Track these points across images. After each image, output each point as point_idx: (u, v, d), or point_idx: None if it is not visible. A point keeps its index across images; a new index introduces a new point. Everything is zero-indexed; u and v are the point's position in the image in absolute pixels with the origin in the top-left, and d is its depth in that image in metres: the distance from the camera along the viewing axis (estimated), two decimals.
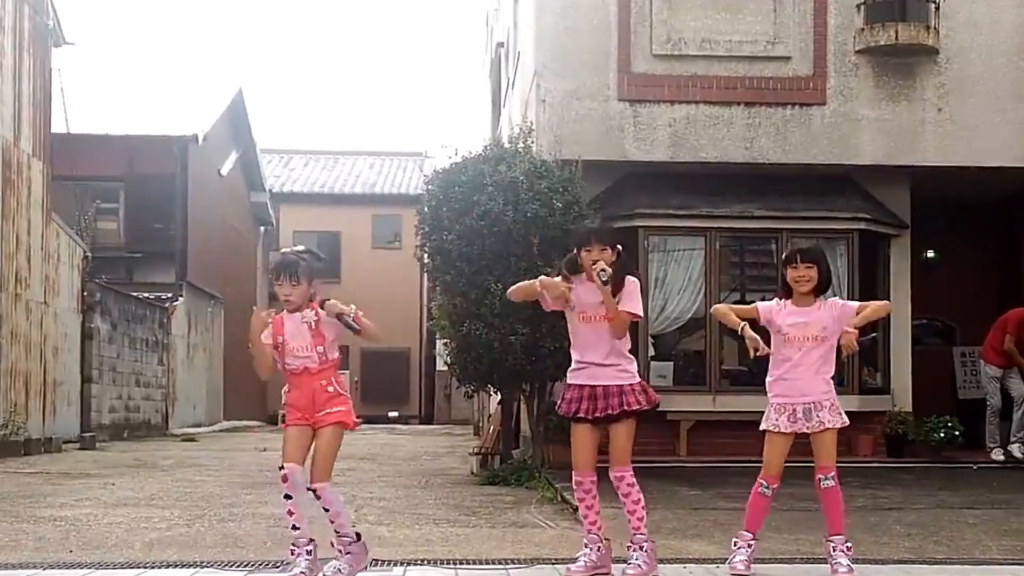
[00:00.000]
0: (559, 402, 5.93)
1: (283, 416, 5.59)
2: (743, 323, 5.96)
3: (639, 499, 5.74)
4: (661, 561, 5.86)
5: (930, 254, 15.72)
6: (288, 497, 5.35)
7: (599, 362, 5.70)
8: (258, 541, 7.10)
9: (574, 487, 5.78)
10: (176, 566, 6.01)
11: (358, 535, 5.56)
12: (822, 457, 5.87)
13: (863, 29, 12.74)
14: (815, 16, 12.78)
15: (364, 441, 20.34)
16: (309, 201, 37.44)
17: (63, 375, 18.91)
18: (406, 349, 36.87)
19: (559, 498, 9.41)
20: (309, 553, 5.37)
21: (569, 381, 5.83)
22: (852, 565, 5.74)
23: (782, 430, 5.86)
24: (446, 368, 13.25)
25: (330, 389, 5.42)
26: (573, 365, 5.82)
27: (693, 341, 13.38)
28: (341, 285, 36.74)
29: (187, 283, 25.77)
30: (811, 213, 13.13)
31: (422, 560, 6.26)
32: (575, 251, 5.79)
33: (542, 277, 5.85)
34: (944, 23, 12.78)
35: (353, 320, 5.37)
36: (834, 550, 5.77)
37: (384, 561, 6.20)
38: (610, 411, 5.66)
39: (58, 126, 20.73)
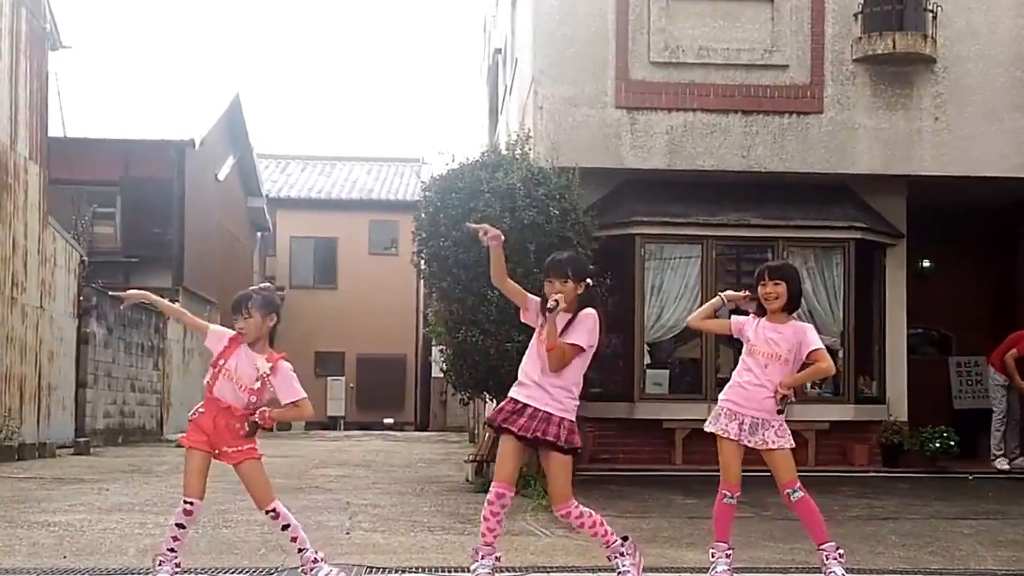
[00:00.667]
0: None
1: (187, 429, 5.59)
2: (718, 297, 6.09)
3: (595, 521, 5.62)
4: (657, 570, 5.85)
5: (926, 264, 15.72)
6: (181, 527, 5.46)
7: (535, 381, 5.60)
8: (252, 547, 7.08)
9: (491, 499, 5.59)
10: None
11: (317, 559, 5.54)
12: (781, 474, 5.87)
13: (860, 38, 12.76)
14: (812, 25, 12.80)
15: (359, 448, 20.32)
16: (306, 207, 37.42)
17: (58, 380, 18.88)
18: (402, 355, 36.83)
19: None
20: (177, 567, 5.45)
21: (511, 394, 5.74)
22: (847, 573, 5.72)
23: (731, 437, 5.87)
24: (442, 375, 13.24)
25: (238, 430, 5.48)
26: (517, 379, 5.73)
27: (689, 349, 13.37)
28: (338, 290, 36.77)
29: (183, 288, 25.73)
30: (807, 222, 13.14)
31: (417, 568, 6.25)
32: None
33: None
34: (941, 32, 12.80)
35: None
36: (827, 559, 5.76)
37: (379, 568, 6.18)
38: (526, 433, 5.53)
39: (55, 130, 20.73)
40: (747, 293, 6.06)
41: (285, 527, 5.49)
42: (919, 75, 12.87)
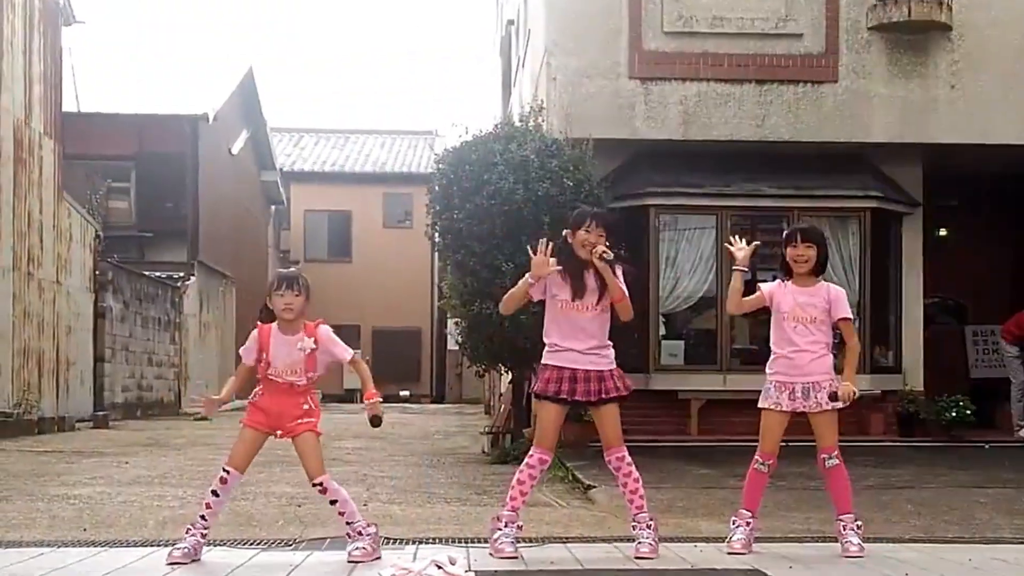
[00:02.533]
0: (534, 382, 5.86)
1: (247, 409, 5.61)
2: (736, 275, 6.03)
3: (637, 478, 5.73)
4: (672, 540, 5.87)
5: (942, 232, 15.65)
6: (216, 495, 5.48)
7: (579, 349, 5.67)
8: (270, 519, 7.13)
9: (532, 464, 5.67)
10: None
11: (373, 524, 5.64)
12: (824, 438, 5.86)
13: (875, 6, 12.65)
14: None
15: None
16: (320, 180, 37.43)
17: (76, 354, 18.99)
18: (417, 328, 36.90)
19: (570, 477, 9.44)
20: (204, 537, 5.47)
21: (546, 362, 5.76)
22: (863, 544, 5.74)
23: (783, 409, 5.85)
24: (457, 347, 13.27)
25: (305, 407, 5.52)
26: (550, 348, 5.75)
27: (704, 320, 13.35)
28: (352, 264, 36.81)
29: (199, 262, 25.82)
30: (822, 192, 13.08)
31: (433, 539, 6.28)
32: (569, 232, 5.73)
33: (529, 275, 5.71)
34: None
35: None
36: (844, 529, 5.77)
37: (396, 540, 6.22)
38: (590, 397, 5.66)
39: (69, 105, 20.77)
40: (755, 245, 6.01)
41: (333, 502, 5.53)
42: (935, 43, 12.76)
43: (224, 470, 5.49)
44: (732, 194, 12.97)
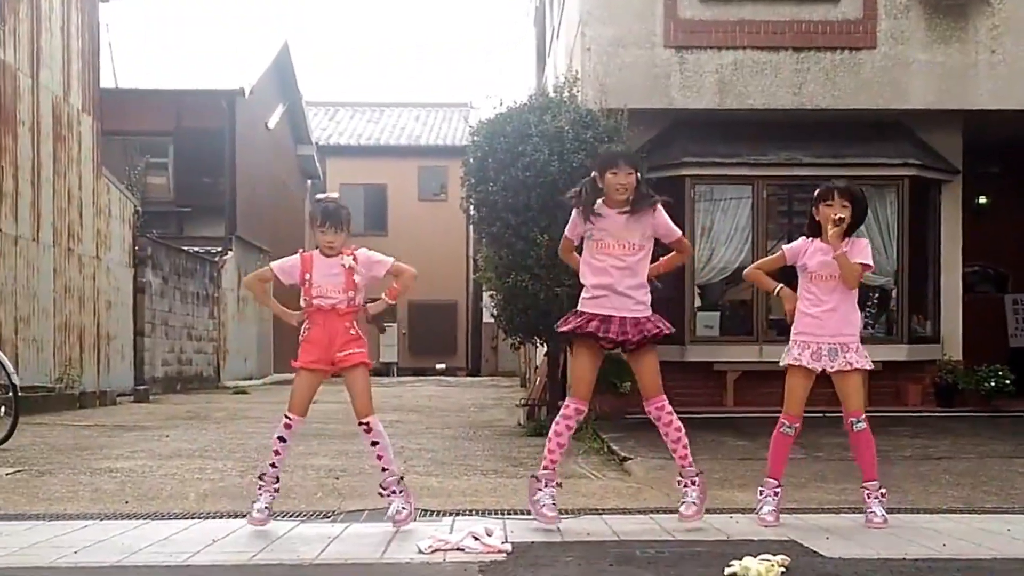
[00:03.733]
0: (564, 324, 5.72)
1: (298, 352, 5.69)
2: (778, 285, 5.95)
3: (680, 427, 5.70)
4: (708, 511, 5.87)
5: (982, 200, 15.48)
6: (282, 440, 5.62)
7: (621, 292, 5.57)
8: (309, 492, 7.20)
9: (568, 414, 5.61)
10: (229, 516, 6.11)
11: (401, 478, 5.73)
12: (851, 400, 5.77)
13: None
14: None
15: (412, 393, 20.52)
16: (355, 154, 37.52)
17: (116, 329, 19.21)
18: (453, 301, 37.01)
19: (606, 448, 9.46)
20: (276, 491, 5.65)
21: (582, 309, 5.67)
22: (887, 515, 5.70)
23: (804, 364, 5.75)
24: (492, 320, 13.30)
25: (352, 332, 5.65)
26: (589, 293, 5.64)
27: (740, 291, 13.30)
28: (388, 237, 36.93)
29: (236, 237, 25.99)
30: (860, 160, 12.95)
31: (471, 511, 6.32)
32: (597, 175, 5.67)
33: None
34: None
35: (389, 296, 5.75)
36: (868, 497, 5.73)
37: (433, 511, 6.27)
38: (625, 336, 5.54)
39: (106, 81, 20.91)
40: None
41: (374, 443, 5.63)
42: (974, 7, 12.58)
43: (287, 416, 5.61)
44: (769, 163, 12.88)
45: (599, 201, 5.68)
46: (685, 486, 5.69)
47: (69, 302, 17.29)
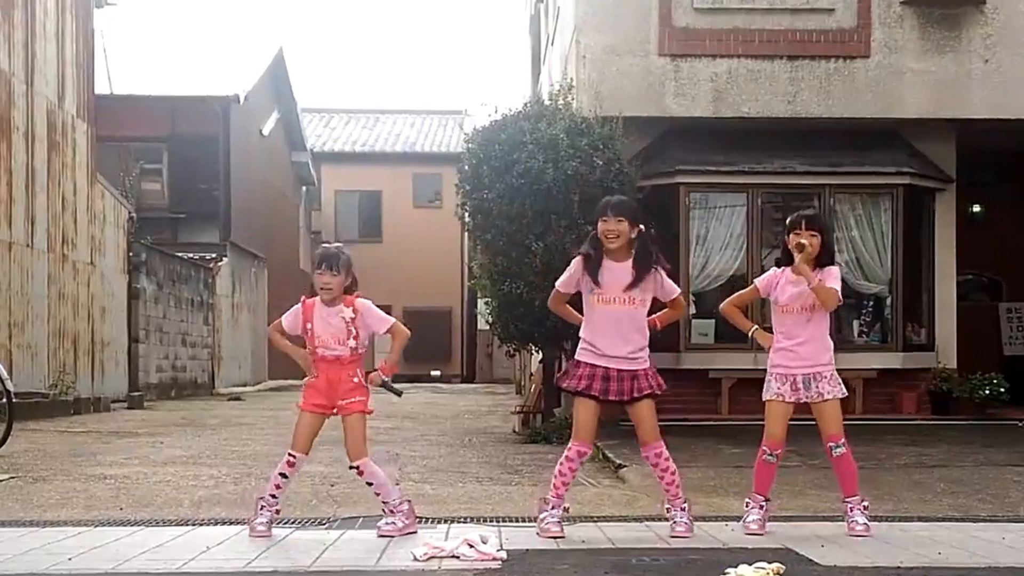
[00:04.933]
0: (565, 377, 5.79)
1: (303, 395, 5.72)
2: (753, 327, 5.99)
3: (675, 471, 5.73)
4: (703, 519, 5.88)
5: (976, 209, 15.53)
6: (284, 476, 5.65)
7: (614, 352, 5.62)
8: (304, 499, 7.19)
9: (572, 456, 5.66)
10: (224, 523, 6.10)
11: (408, 501, 5.75)
12: (829, 426, 5.80)
13: None
14: None
15: (407, 400, 20.46)
16: (350, 160, 37.50)
17: (110, 335, 19.17)
18: (448, 308, 36.98)
19: (601, 456, 9.45)
20: (277, 512, 5.68)
21: (578, 359, 5.71)
22: (869, 523, 5.71)
23: (786, 399, 5.81)
24: (488, 327, 13.30)
25: (355, 380, 5.66)
26: (584, 346, 5.68)
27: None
28: (383, 244, 36.91)
29: (231, 243, 25.96)
30: (855, 168, 13.00)
31: (466, 518, 6.32)
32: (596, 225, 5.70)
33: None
34: None
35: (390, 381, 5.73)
36: (851, 509, 5.76)
37: (428, 519, 6.26)
38: (623, 396, 5.63)
39: (101, 87, 20.91)
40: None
41: (370, 483, 5.69)
42: (968, 17, 12.63)
43: (291, 455, 5.66)
44: (763, 171, 12.91)
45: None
46: (673, 510, 5.71)
47: (63, 308, 17.26)
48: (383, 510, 5.70)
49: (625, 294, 5.65)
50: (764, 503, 5.85)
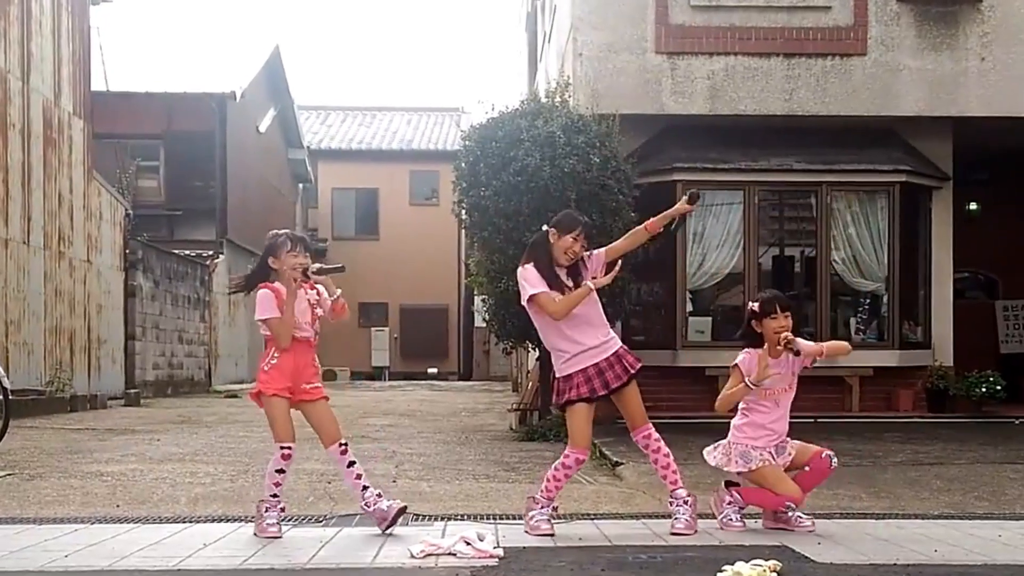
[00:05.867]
0: (560, 397, 5.77)
1: (264, 378, 5.68)
2: (749, 385, 5.82)
3: (668, 452, 5.75)
4: (700, 516, 5.87)
5: (972, 206, 15.54)
6: (281, 472, 5.63)
7: (595, 340, 5.67)
8: (300, 496, 7.19)
9: (570, 464, 5.68)
10: (221, 520, 6.10)
11: (379, 494, 5.71)
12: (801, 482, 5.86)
13: None
14: None
15: (404, 397, 20.50)
16: (347, 158, 37.47)
17: (107, 332, 19.16)
18: (444, 306, 36.97)
19: (598, 453, 9.46)
20: (283, 510, 5.69)
21: (567, 372, 5.70)
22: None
23: (777, 463, 5.81)
24: (484, 325, 13.30)
25: (315, 363, 5.73)
26: (568, 355, 5.68)
27: (731, 296, 13.32)
28: (379, 241, 36.89)
29: (227, 240, 25.95)
30: (851, 166, 13.00)
31: (462, 515, 6.32)
32: (554, 232, 5.72)
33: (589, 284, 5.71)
34: None
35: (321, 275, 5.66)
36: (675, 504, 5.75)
37: (425, 516, 6.26)
38: (622, 378, 5.66)
39: (97, 84, 20.89)
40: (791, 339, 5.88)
41: (352, 463, 5.68)
42: (965, 14, 12.63)
43: (283, 447, 5.59)
44: (760, 169, 12.91)
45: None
46: (675, 505, 5.70)
47: (60, 305, 17.25)
48: (269, 502, 5.62)
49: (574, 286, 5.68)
50: (743, 506, 5.89)
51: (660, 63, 12.54)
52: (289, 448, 5.61)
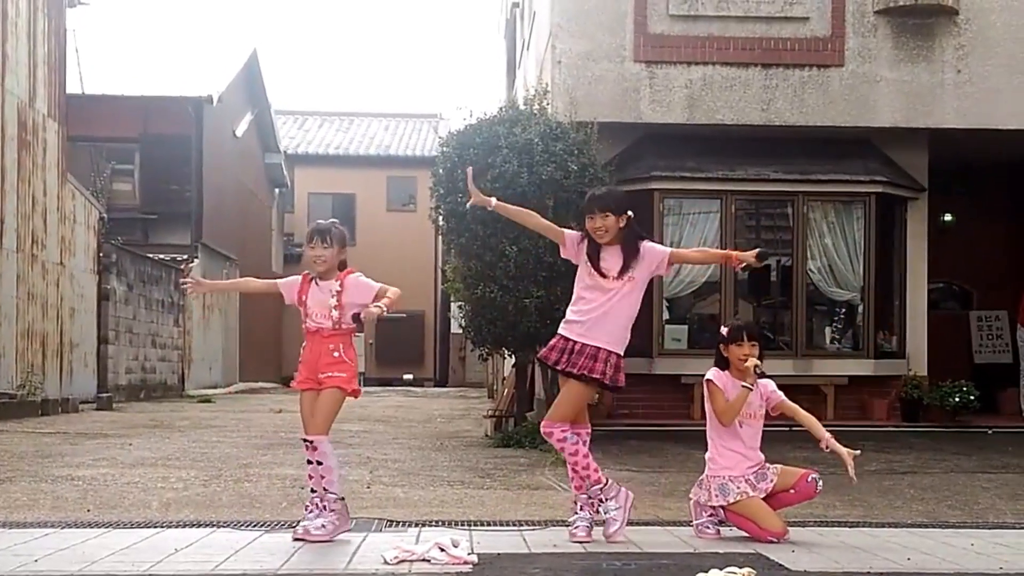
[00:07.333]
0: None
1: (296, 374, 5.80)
2: (746, 391, 5.86)
3: (581, 453, 5.66)
4: (677, 523, 5.88)
5: (947, 217, 15.64)
6: (310, 462, 5.65)
7: (597, 321, 5.66)
8: (274, 501, 7.15)
9: (566, 439, 5.66)
10: (193, 525, 6.05)
11: (342, 499, 5.67)
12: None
13: None
14: None
15: (379, 404, 20.43)
16: (324, 163, 37.38)
17: (79, 336, 19.01)
18: (421, 312, 36.90)
19: None
20: (324, 508, 5.61)
21: (561, 331, 5.76)
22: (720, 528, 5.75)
23: (757, 494, 5.80)
24: (461, 331, 13.27)
25: (335, 354, 5.64)
26: (569, 316, 5.74)
27: (707, 305, 13.35)
28: (356, 247, 36.71)
29: (202, 244, 25.80)
30: (828, 176, 13.06)
31: (437, 521, 6.29)
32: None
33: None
34: None
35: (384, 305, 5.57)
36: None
37: (399, 522, 6.23)
38: (572, 369, 5.62)
39: (73, 87, 20.73)
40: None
41: (320, 463, 5.60)
42: (941, 27, 12.72)
43: (305, 441, 5.64)
44: (737, 178, 12.95)
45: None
46: (597, 504, 5.67)
47: (32, 308, 17.10)
48: (313, 502, 5.60)
49: (621, 278, 5.71)
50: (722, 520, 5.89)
51: (638, 72, 12.56)
52: (307, 441, 5.64)
